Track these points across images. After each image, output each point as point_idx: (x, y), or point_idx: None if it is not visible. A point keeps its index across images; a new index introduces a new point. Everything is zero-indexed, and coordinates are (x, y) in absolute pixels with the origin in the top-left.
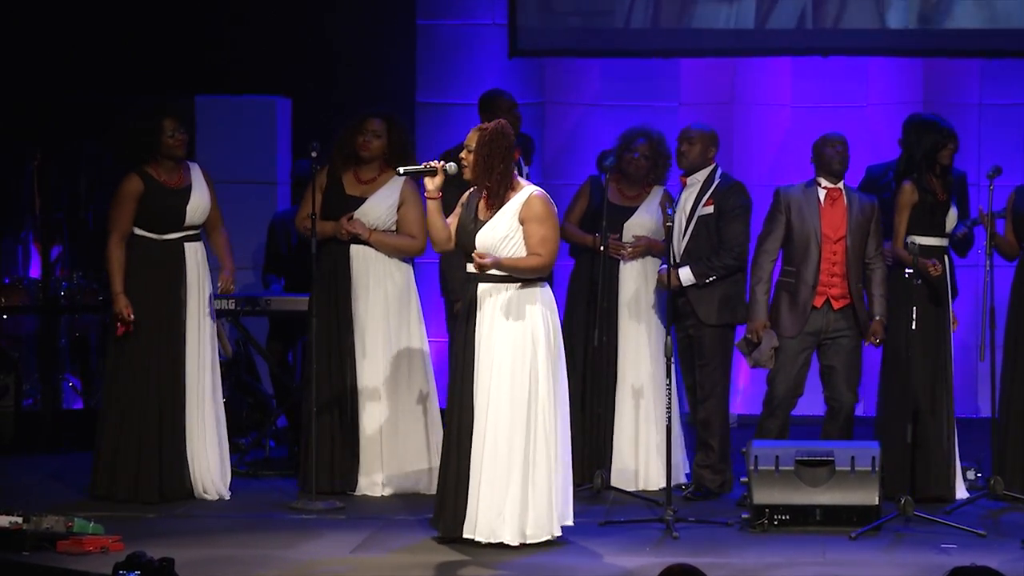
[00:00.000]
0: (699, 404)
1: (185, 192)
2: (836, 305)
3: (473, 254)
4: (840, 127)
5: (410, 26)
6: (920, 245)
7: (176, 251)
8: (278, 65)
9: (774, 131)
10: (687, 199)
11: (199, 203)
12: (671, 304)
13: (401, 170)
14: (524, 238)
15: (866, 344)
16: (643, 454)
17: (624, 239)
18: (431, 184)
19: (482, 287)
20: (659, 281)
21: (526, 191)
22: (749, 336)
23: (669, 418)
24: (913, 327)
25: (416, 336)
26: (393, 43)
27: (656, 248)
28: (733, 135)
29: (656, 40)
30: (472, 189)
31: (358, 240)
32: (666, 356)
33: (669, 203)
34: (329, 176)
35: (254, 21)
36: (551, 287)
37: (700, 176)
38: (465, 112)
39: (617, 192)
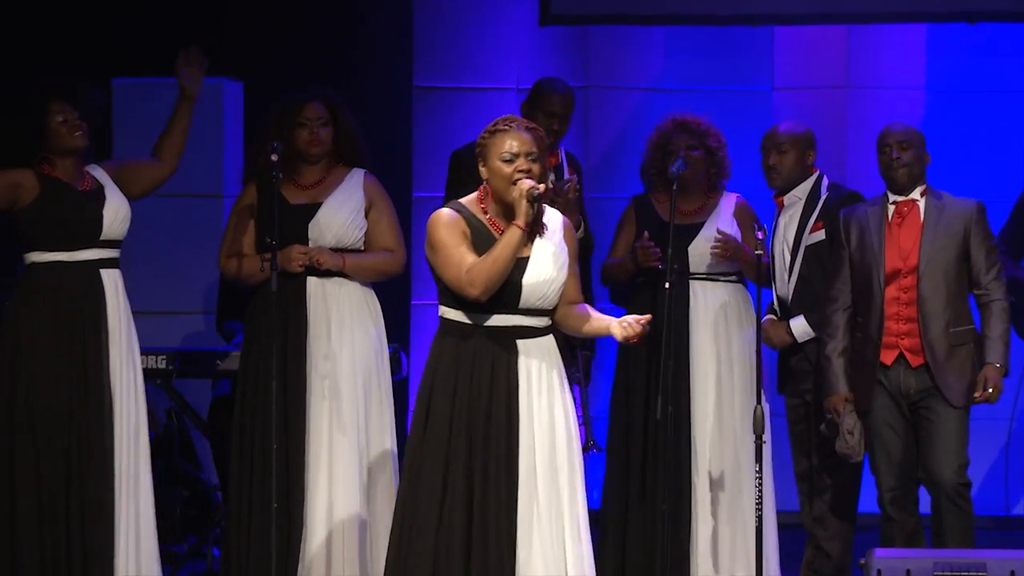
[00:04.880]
0: (815, 496)
1: (97, 194)
2: (914, 362)
3: None
4: (993, 118)
5: None
6: None
7: (90, 280)
8: (223, 36)
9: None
10: (787, 224)
11: (118, 207)
12: (782, 362)
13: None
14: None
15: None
16: (726, 564)
17: (691, 268)
18: (532, 209)
19: (524, 344)
20: (765, 338)
21: (553, 211)
22: (829, 415)
23: (760, 516)
24: None
25: (386, 405)
26: (383, 9)
27: (741, 257)
28: (847, 129)
29: (740, 2)
30: (458, 215)
31: (317, 271)
32: (755, 433)
33: (755, 220)
34: (260, 190)
35: None
36: None
37: (801, 191)
38: (478, 99)
39: (669, 208)
